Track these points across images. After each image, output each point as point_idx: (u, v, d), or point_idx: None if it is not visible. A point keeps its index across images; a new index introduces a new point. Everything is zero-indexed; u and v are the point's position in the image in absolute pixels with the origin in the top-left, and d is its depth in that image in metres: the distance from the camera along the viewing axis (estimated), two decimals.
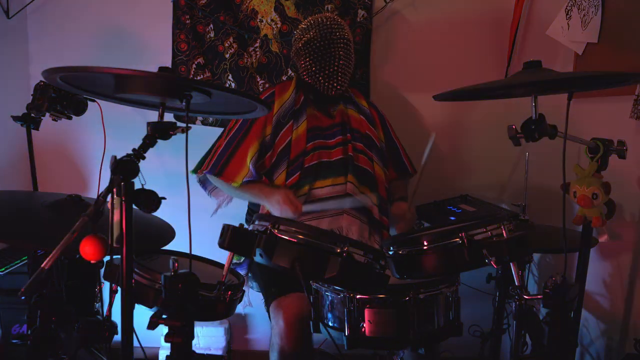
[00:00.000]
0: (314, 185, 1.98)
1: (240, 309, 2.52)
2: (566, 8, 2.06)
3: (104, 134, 1.80)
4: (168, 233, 1.61)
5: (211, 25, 2.44)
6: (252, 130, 2.01)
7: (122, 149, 1.14)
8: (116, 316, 1.16)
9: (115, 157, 1.09)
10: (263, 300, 1.94)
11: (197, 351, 1.24)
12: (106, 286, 2.08)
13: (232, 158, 2.01)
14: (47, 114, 1.85)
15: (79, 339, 1.26)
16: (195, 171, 2.13)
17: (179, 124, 1.17)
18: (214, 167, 2.01)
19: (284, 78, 2.47)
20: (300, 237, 1.25)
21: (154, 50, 2.47)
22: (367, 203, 2.00)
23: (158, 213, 1.15)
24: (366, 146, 2.09)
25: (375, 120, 2.19)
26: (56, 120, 1.89)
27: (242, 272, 2.08)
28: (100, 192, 1.07)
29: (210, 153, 2.08)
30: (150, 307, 1.36)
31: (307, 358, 1.78)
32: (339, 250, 1.24)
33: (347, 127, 2.08)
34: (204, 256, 1.64)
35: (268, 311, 1.86)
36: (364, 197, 1.99)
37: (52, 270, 1.50)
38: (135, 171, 1.09)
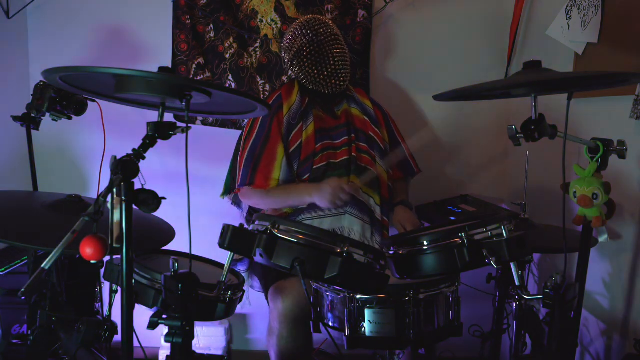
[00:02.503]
0: None
1: (240, 309, 2.53)
2: (566, 8, 2.06)
3: (104, 134, 1.81)
4: (168, 233, 1.61)
5: (211, 25, 2.44)
6: (272, 133, 1.98)
7: (122, 149, 1.14)
8: (116, 316, 1.16)
9: (115, 157, 1.09)
10: (263, 292, 1.94)
11: (197, 351, 1.24)
12: (106, 286, 2.09)
13: (259, 163, 1.96)
14: (47, 114, 1.85)
15: (79, 339, 1.26)
16: (225, 193, 2.12)
17: (179, 124, 1.17)
18: (244, 179, 1.96)
19: (284, 78, 2.47)
20: (300, 237, 1.25)
21: (154, 50, 2.47)
22: (370, 203, 2.00)
23: (158, 213, 1.15)
24: (370, 147, 2.08)
25: (379, 120, 2.18)
26: (56, 120, 1.90)
27: (243, 268, 2.07)
28: (100, 192, 1.07)
29: (234, 171, 2.04)
30: (150, 307, 1.36)
31: (305, 343, 1.78)
32: (339, 251, 1.24)
33: (351, 128, 2.08)
34: (204, 256, 1.64)
35: (267, 296, 1.85)
36: (367, 197, 1.99)
37: (52, 270, 1.50)
38: (135, 171, 1.09)
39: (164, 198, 1.13)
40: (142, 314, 1.27)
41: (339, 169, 2.00)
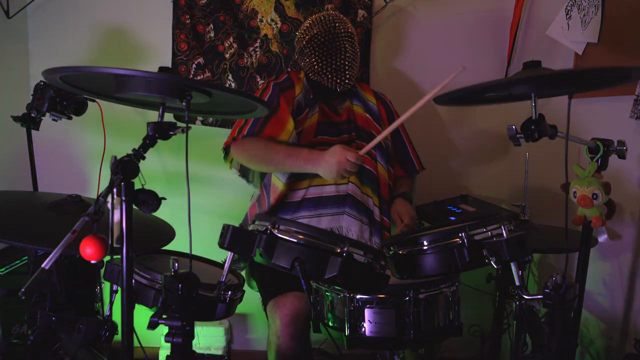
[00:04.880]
0: (313, 182, 1.96)
1: (240, 308, 2.53)
2: (566, 8, 2.06)
3: (104, 134, 1.81)
4: (168, 233, 1.61)
5: (211, 25, 2.44)
6: (281, 103, 1.94)
7: (122, 149, 1.14)
8: (116, 316, 1.16)
9: (115, 157, 1.09)
10: (262, 304, 1.94)
11: (197, 351, 1.24)
12: (106, 286, 2.08)
13: (269, 118, 1.90)
14: (47, 114, 1.85)
15: (79, 339, 1.26)
16: (226, 156, 2.03)
17: (179, 124, 1.17)
18: (252, 128, 1.90)
19: None
20: (300, 237, 1.25)
21: (154, 50, 2.47)
22: (369, 204, 1.99)
23: (158, 213, 1.15)
24: None
25: (381, 116, 2.16)
26: (56, 121, 1.90)
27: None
28: (100, 192, 1.07)
29: (240, 124, 1.95)
30: (150, 307, 1.36)
31: (304, 357, 1.78)
32: (339, 251, 1.24)
33: (352, 125, 2.07)
34: (204, 256, 1.64)
35: (265, 310, 1.85)
36: (366, 197, 1.99)
37: (52, 270, 1.50)
38: (135, 171, 1.09)
39: (164, 198, 1.13)
40: (142, 314, 1.27)
41: None
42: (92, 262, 1.06)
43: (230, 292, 1.37)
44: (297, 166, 1.84)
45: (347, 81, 2.02)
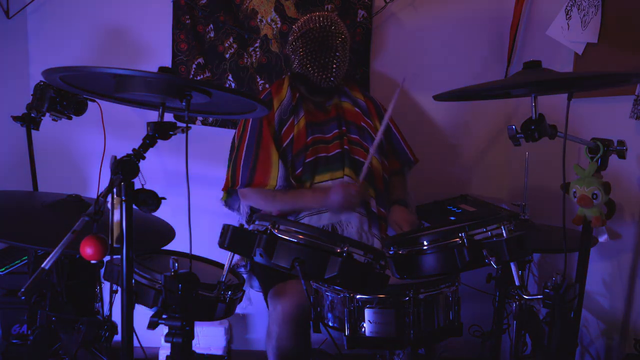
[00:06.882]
0: (314, 181, 1.99)
1: (243, 309, 2.53)
2: (566, 8, 2.06)
3: (104, 134, 1.81)
4: (168, 233, 1.61)
5: (211, 25, 2.44)
6: (264, 132, 2.00)
7: (122, 149, 1.14)
8: (116, 316, 1.16)
9: (115, 157, 1.09)
10: (262, 292, 1.94)
11: (197, 351, 1.24)
12: (106, 286, 2.08)
13: (257, 163, 1.97)
14: (47, 114, 1.85)
15: (79, 339, 1.26)
16: (226, 197, 2.15)
17: (179, 124, 1.17)
18: (243, 178, 1.97)
19: (284, 78, 2.47)
20: (300, 237, 1.25)
21: (154, 50, 2.47)
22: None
23: (158, 213, 1.15)
24: (362, 138, 2.10)
25: (370, 111, 2.19)
26: (56, 120, 1.90)
27: (243, 270, 2.07)
28: (100, 192, 1.07)
29: (232, 171, 2.04)
30: (150, 307, 1.36)
31: (305, 346, 1.77)
32: (339, 251, 1.24)
33: (342, 121, 2.10)
34: (204, 256, 1.64)
35: (266, 299, 1.85)
36: None
37: (52, 270, 1.50)
38: (135, 171, 1.09)
39: (164, 198, 1.13)
40: (142, 314, 1.27)
41: (331, 163, 2.02)
42: (92, 262, 1.06)
43: (230, 292, 1.37)
44: (307, 208, 1.97)
45: (332, 79, 2.04)
